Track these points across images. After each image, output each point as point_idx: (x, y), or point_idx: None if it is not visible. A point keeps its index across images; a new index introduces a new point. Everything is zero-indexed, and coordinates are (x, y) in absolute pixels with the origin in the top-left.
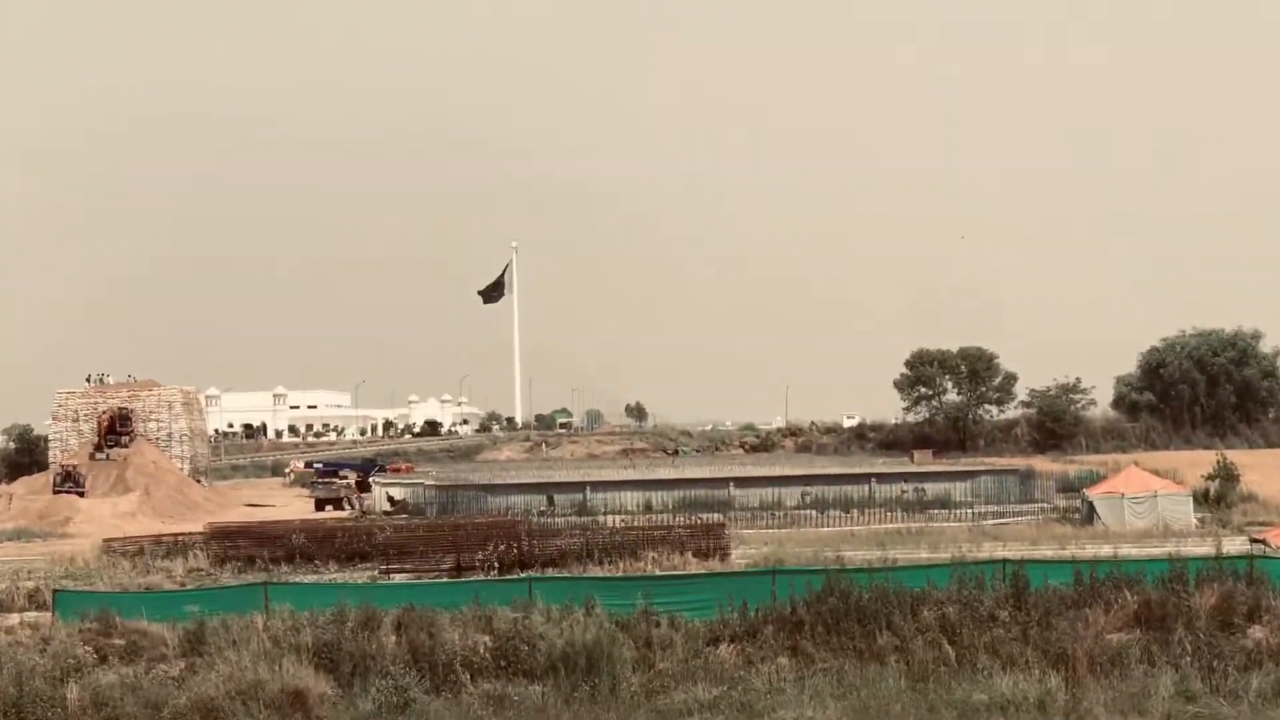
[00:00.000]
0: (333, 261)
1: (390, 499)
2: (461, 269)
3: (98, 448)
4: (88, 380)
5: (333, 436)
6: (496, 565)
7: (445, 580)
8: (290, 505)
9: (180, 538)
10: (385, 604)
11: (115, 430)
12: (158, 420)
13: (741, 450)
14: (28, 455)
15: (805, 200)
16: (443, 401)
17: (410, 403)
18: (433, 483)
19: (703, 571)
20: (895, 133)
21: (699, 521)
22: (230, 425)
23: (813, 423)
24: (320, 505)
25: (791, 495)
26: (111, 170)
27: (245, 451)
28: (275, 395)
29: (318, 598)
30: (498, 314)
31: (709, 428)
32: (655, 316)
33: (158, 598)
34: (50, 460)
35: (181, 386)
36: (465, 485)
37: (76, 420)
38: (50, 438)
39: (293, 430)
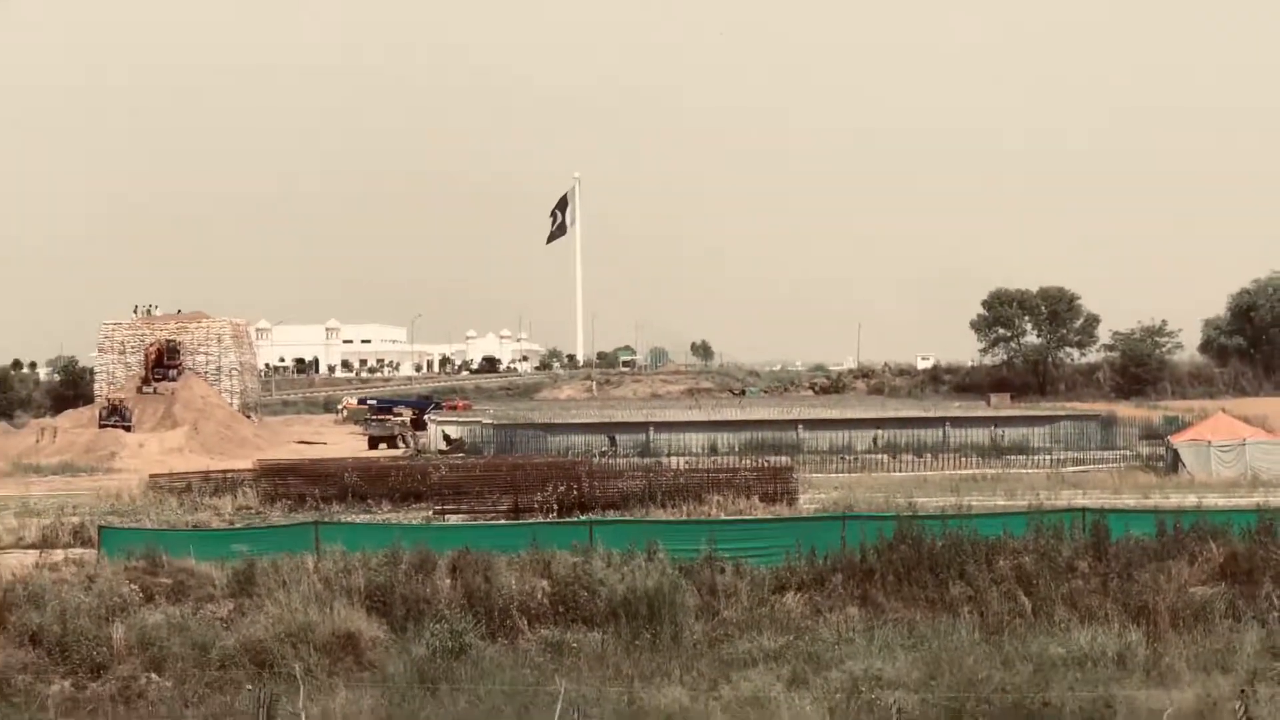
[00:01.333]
0: (388, 195)
1: (446, 437)
2: (522, 202)
3: (145, 381)
4: (135, 311)
5: (387, 372)
6: (556, 507)
7: (502, 523)
8: (343, 443)
9: (229, 474)
10: (440, 546)
11: (163, 363)
12: (206, 353)
13: (811, 391)
14: (73, 388)
15: (881, 134)
16: (501, 338)
17: (468, 338)
18: (490, 421)
19: (769, 517)
20: (982, 66)
21: (766, 465)
22: (281, 360)
23: (886, 364)
24: (374, 443)
25: (863, 439)
26: (160, 104)
27: (297, 387)
28: (328, 329)
29: (370, 538)
30: (560, 247)
31: (778, 368)
32: (723, 250)
33: (205, 536)
34: (96, 393)
35: (231, 319)
36: (524, 424)
37: (123, 353)
38: (96, 370)
39: (346, 365)
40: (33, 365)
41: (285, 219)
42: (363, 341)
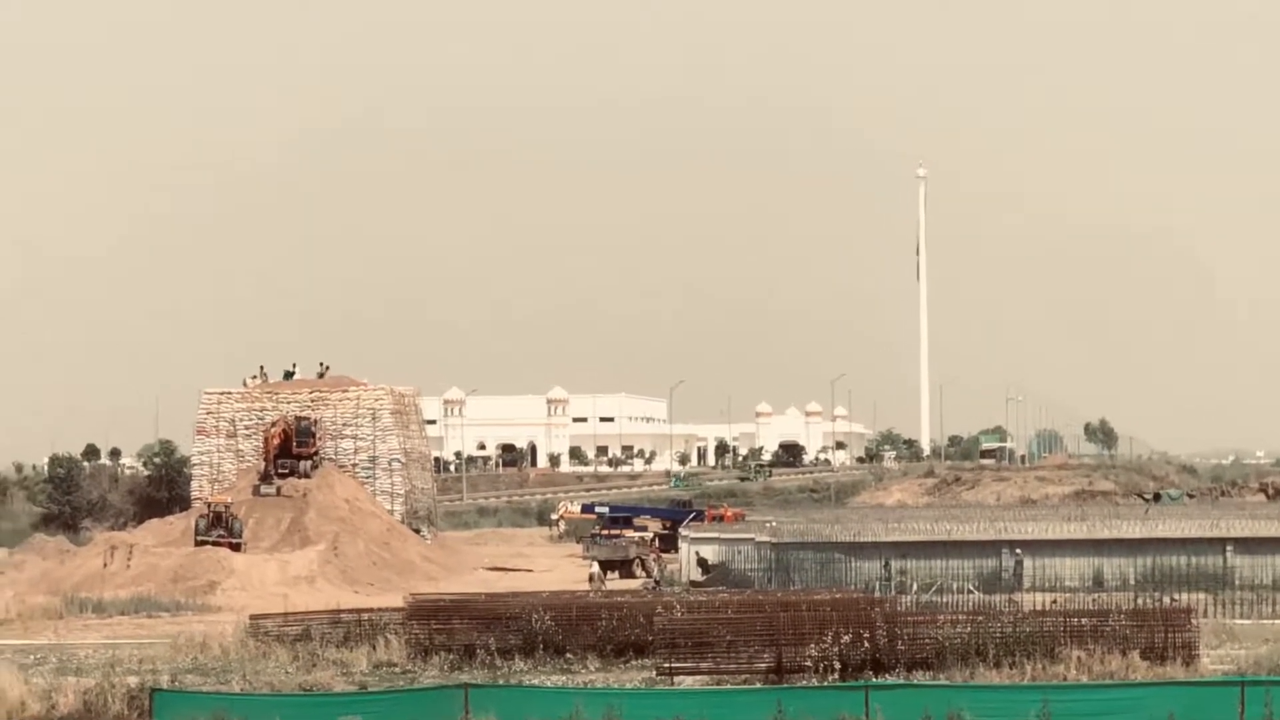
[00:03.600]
0: (638, 224)
1: (702, 562)
2: (838, 238)
3: (264, 477)
4: (252, 379)
5: (637, 465)
6: (838, 666)
7: (753, 687)
8: (557, 569)
9: (366, 615)
10: (645, 719)
11: (290, 451)
12: (355, 437)
13: (1263, 496)
14: (166, 488)
15: None
16: (808, 415)
17: (759, 416)
18: (765, 539)
19: (1142, 681)
20: None
21: (1158, 605)
22: (481, 446)
23: None
24: (603, 570)
25: None
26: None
27: (502, 486)
28: (550, 401)
29: (544, 707)
30: (893, 291)
31: (1227, 460)
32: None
33: (305, 703)
34: (193, 495)
35: (392, 386)
36: (813, 543)
37: (233, 435)
38: (194, 462)
39: (576, 455)
40: (115, 455)
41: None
42: (602, 420)
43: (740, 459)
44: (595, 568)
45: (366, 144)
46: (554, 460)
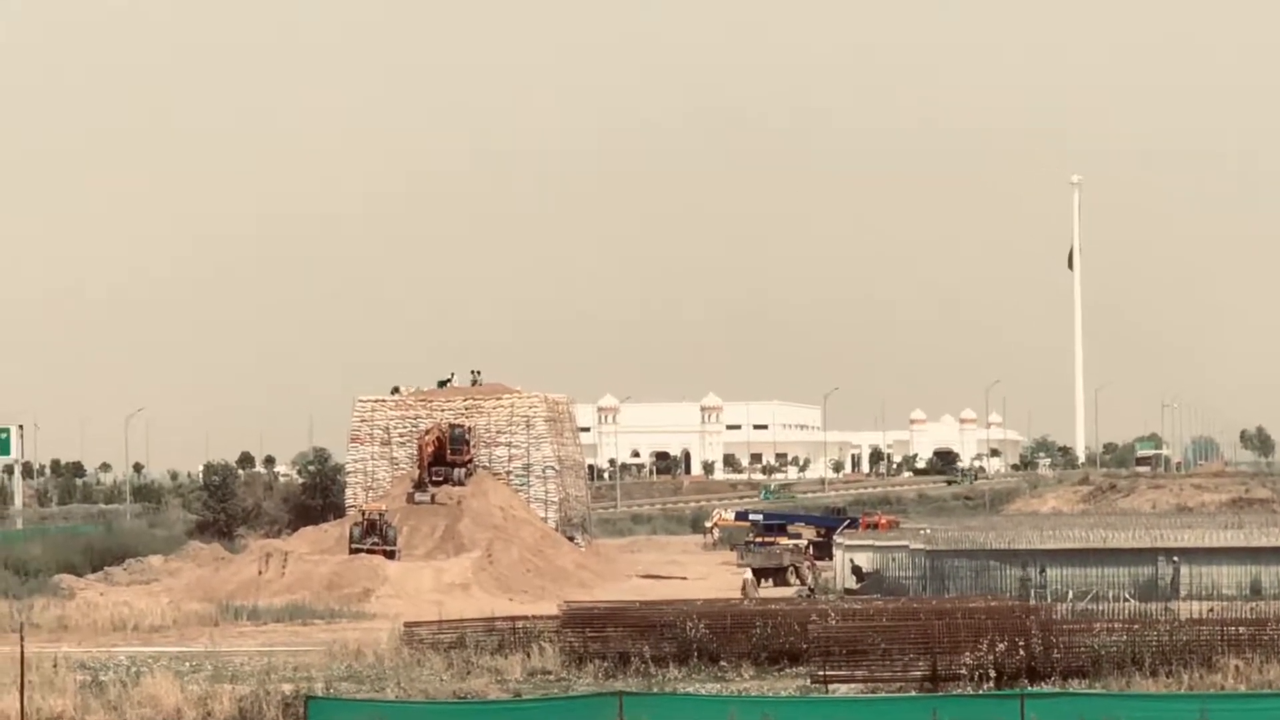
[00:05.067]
0: (792, 233)
1: (856, 570)
2: (993, 245)
3: (418, 485)
4: (397, 391)
5: (791, 473)
6: (993, 674)
7: (908, 695)
8: (710, 576)
9: (520, 623)
10: None
11: (445, 459)
12: (509, 445)
13: None
14: (320, 495)
15: None
16: (963, 422)
17: (913, 423)
18: (920, 546)
19: None
20: None
21: None
22: (635, 454)
23: None
24: (757, 578)
25: None
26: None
27: (655, 493)
28: (704, 409)
29: (698, 716)
30: (1048, 298)
31: None
32: None
33: (457, 712)
34: (348, 503)
35: (546, 394)
36: (967, 550)
37: (387, 443)
38: (348, 469)
39: (730, 463)
40: (270, 462)
41: (635, 263)
42: (756, 427)
43: (894, 467)
44: (748, 575)
45: (526, 160)
46: (708, 468)
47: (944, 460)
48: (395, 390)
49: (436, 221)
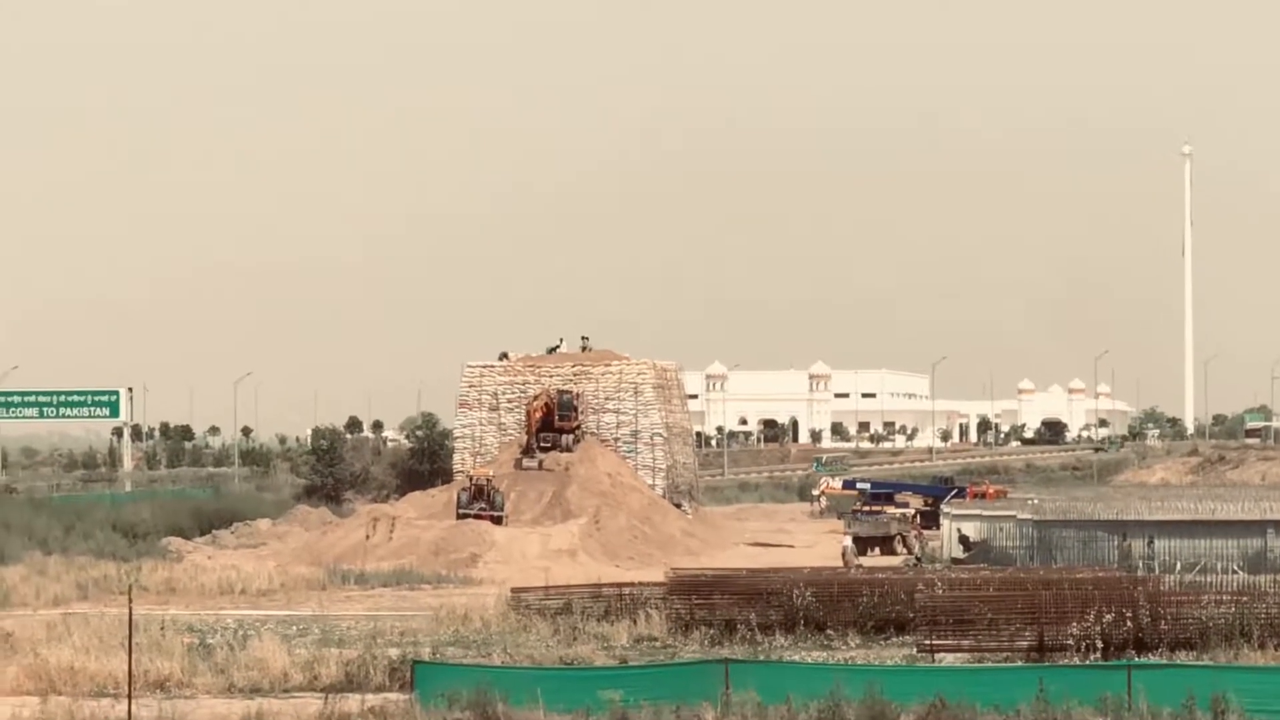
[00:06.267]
0: (899, 201)
1: (963, 540)
2: (1103, 215)
3: (526, 450)
4: (503, 357)
5: (898, 441)
6: (1100, 645)
7: (1015, 665)
8: (817, 545)
9: (628, 589)
10: (905, 696)
11: (553, 425)
12: (617, 411)
13: None
14: (428, 460)
15: None
16: (1071, 393)
17: (1020, 393)
18: (1027, 516)
19: None
20: None
21: None
22: (743, 422)
23: None
24: (861, 547)
25: None
26: None
27: (763, 461)
28: (812, 377)
29: (804, 683)
30: (1158, 267)
31: None
32: None
33: (565, 677)
34: (455, 468)
35: (655, 360)
36: (1075, 521)
37: (495, 409)
38: (456, 435)
39: (838, 431)
40: (378, 427)
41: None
42: (863, 396)
43: (1003, 436)
44: (847, 542)
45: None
46: (815, 436)
47: (1052, 430)
48: (504, 356)
49: (548, 190)
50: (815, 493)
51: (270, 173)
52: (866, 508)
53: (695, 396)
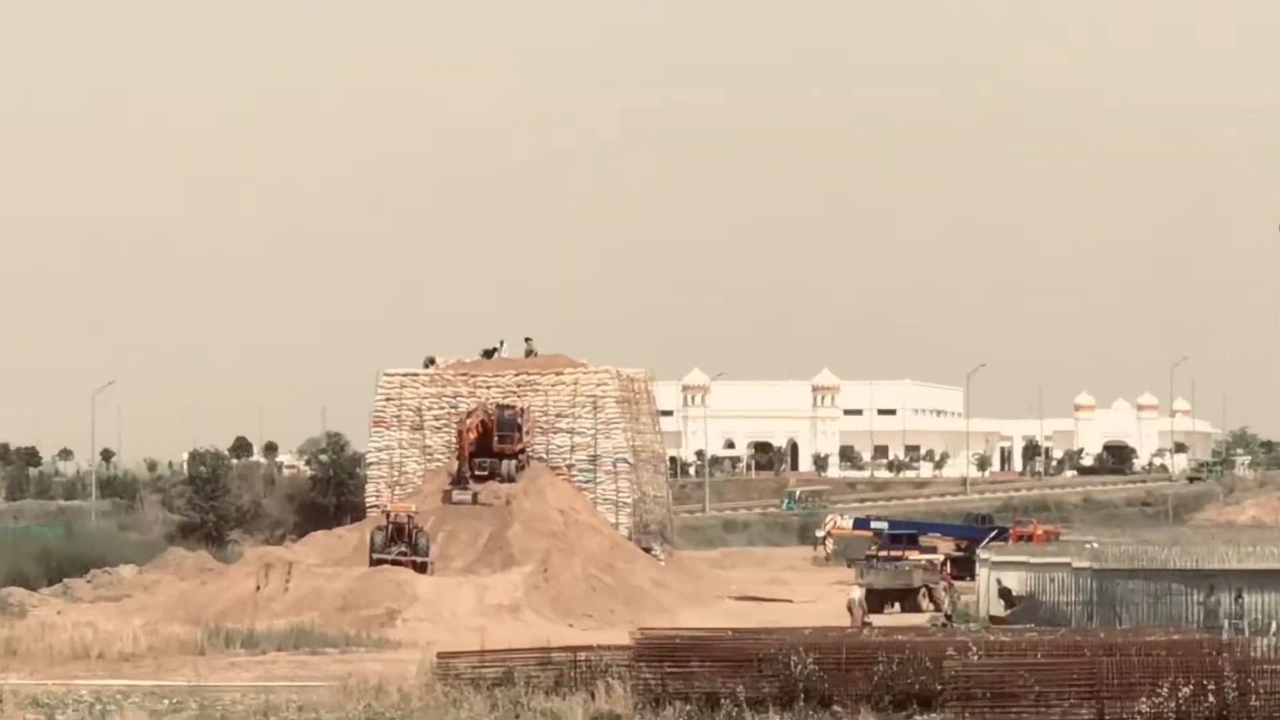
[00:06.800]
0: (938, 183)
1: (1004, 593)
2: (1179, 198)
3: (457, 481)
4: (433, 361)
5: (924, 470)
6: None
7: None
8: (821, 599)
9: (587, 654)
10: None
11: (491, 448)
12: (572, 430)
13: None
14: (334, 492)
15: None
16: (1140, 409)
17: (1078, 410)
18: (1085, 564)
19: None
20: None
21: None
22: (729, 445)
23: None
24: (877, 602)
25: None
26: None
27: (754, 494)
28: (817, 389)
29: None
30: (1250, 261)
31: None
32: None
33: None
34: (368, 502)
35: (620, 369)
36: (1144, 570)
37: (419, 428)
38: (370, 460)
39: (848, 456)
40: (271, 450)
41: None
42: (880, 413)
43: (1055, 464)
44: (856, 594)
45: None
46: (820, 463)
47: (1115, 456)
48: (430, 362)
49: (484, 162)
50: (819, 534)
51: (153, 145)
52: (883, 553)
53: (670, 413)
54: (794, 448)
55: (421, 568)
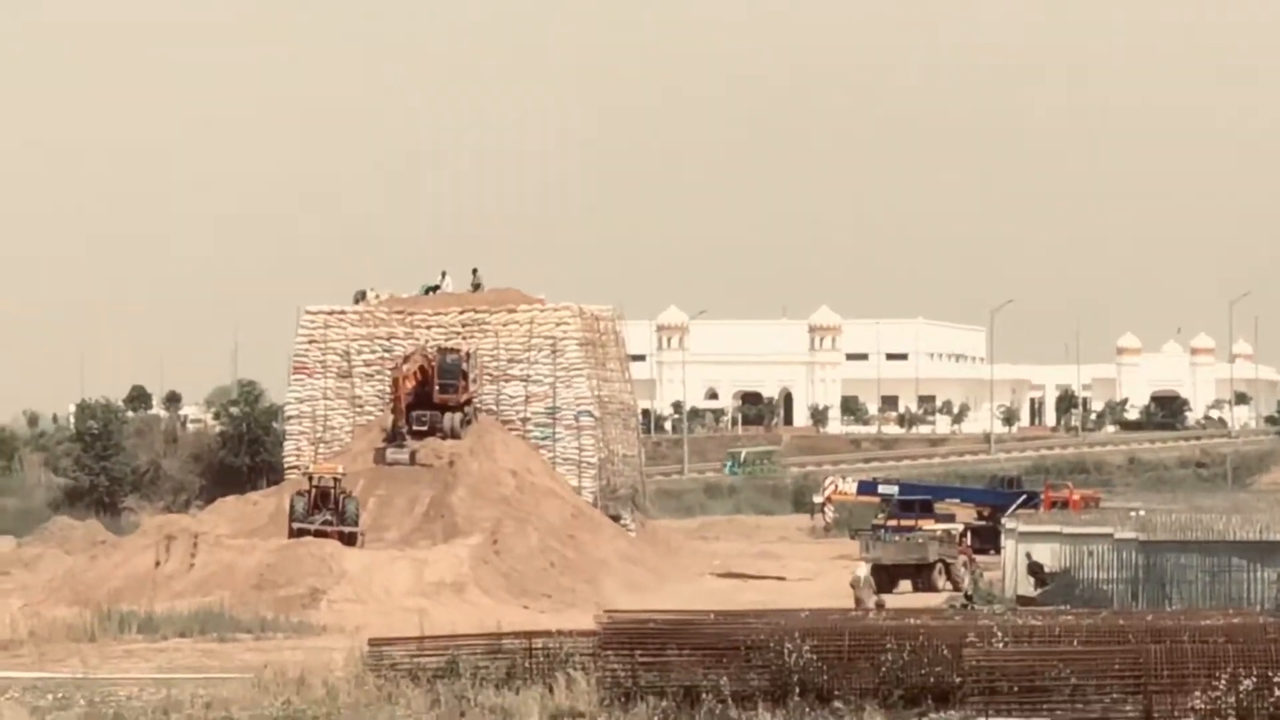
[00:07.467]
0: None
1: (1035, 569)
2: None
3: (392, 437)
4: (362, 298)
5: (940, 424)
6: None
7: None
8: (820, 576)
9: (545, 641)
10: None
11: (432, 400)
12: (526, 378)
13: None
14: (248, 451)
15: None
16: (1194, 353)
17: (1121, 354)
18: (1130, 535)
19: None
20: None
21: None
22: (712, 395)
23: None
24: (885, 579)
25: None
26: None
27: (747, 445)
28: (814, 330)
29: None
30: None
31: None
32: None
33: None
34: (287, 463)
35: (583, 305)
36: (1197, 542)
37: (347, 375)
38: (289, 414)
39: (850, 408)
40: (173, 402)
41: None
42: (889, 358)
43: (1095, 417)
44: (862, 571)
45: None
46: (818, 416)
47: (1164, 408)
48: (360, 296)
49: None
50: (818, 499)
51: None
52: (893, 522)
53: (642, 358)
54: (788, 399)
55: (350, 539)
